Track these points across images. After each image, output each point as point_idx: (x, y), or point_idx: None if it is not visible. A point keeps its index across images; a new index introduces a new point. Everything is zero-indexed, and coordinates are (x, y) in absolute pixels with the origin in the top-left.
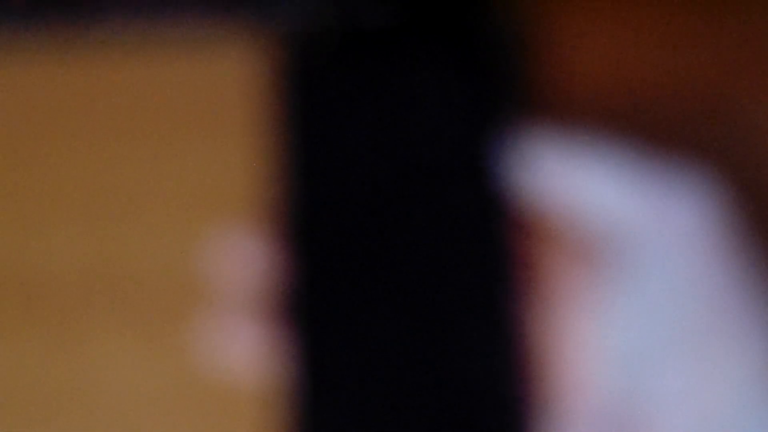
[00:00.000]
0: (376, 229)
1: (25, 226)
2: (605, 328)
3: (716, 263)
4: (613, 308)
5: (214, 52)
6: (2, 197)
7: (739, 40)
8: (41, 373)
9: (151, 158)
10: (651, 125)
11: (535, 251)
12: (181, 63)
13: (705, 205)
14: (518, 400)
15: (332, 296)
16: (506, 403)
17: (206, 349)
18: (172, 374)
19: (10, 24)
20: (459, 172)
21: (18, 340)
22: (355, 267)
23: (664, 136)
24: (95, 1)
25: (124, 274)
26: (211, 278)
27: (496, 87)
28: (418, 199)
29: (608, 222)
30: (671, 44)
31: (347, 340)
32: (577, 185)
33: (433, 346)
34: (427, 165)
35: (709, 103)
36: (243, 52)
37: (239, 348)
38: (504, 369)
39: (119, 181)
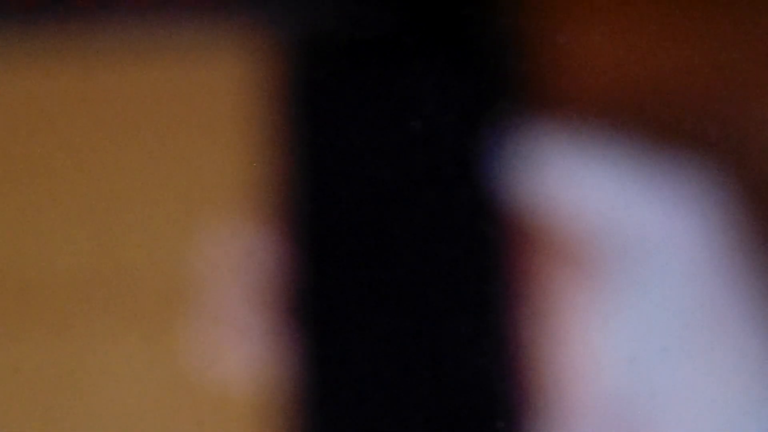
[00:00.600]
0: (375, 230)
1: (22, 226)
2: (608, 329)
3: (718, 264)
4: (616, 309)
5: (214, 56)
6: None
7: (742, 38)
8: (38, 373)
9: (150, 159)
10: (651, 125)
11: (534, 252)
12: (181, 66)
13: (707, 206)
14: (519, 400)
15: (330, 297)
16: (507, 403)
17: (204, 349)
18: (171, 374)
19: (7, 26)
20: (459, 174)
21: (15, 340)
22: (354, 267)
23: (664, 136)
24: (94, 4)
25: (122, 275)
26: (210, 279)
27: (495, 89)
28: (417, 200)
29: (609, 224)
30: (672, 42)
31: (345, 340)
32: (577, 187)
33: (432, 346)
34: (427, 167)
35: (710, 102)
36: (243, 57)
37: (237, 348)
38: (505, 369)
39: (117, 182)
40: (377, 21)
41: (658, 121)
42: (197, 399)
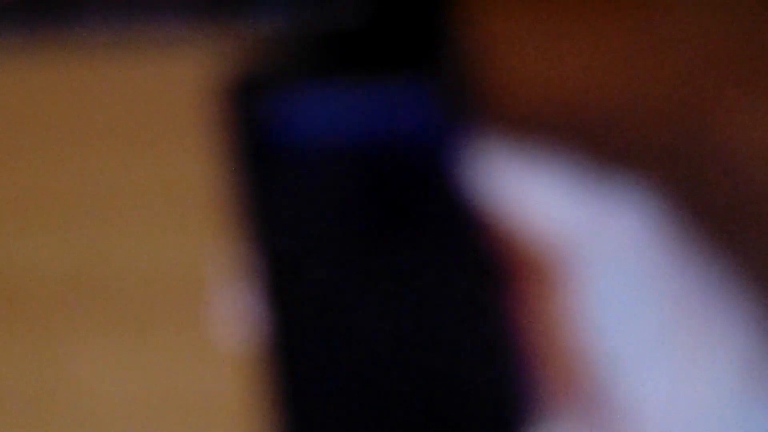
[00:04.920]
0: (342, 231)
1: (6, 229)
2: (577, 328)
3: (666, 264)
4: (579, 310)
5: (190, 55)
6: None
7: (691, 51)
8: (24, 377)
9: (131, 160)
10: (596, 136)
11: (503, 258)
12: (158, 65)
13: (647, 210)
14: (497, 399)
15: (305, 295)
16: (490, 409)
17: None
18: (155, 377)
19: None
20: (427, 172)
21: (0, 342)
22: (326, 267)
23: (608, 145)
24: (70, 6)
25: (106, 277)
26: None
27: (457, 93)
28: (381, 201)
29: (557, 230)
30: (612, 56)
31: (326, 344)
32: (525, 192)
33: (416, 344)
34: (388, 169)
35: (655, 114)
36: (216, 56)
37: (220, 349)
38: (485, 374)
39: (99, 184)
40: (342, 21)
41: (604, 130)
42: (182, 403)
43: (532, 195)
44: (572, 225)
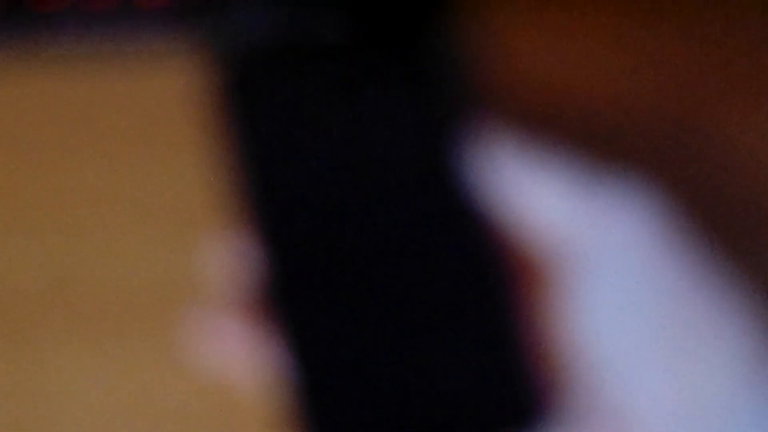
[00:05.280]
0: (336, 237)
1: None
2: (573, 328)
3: (664, 264)
4: (575, 310)
5: (169, 66)
6: None
7: (688, 55)
8: (4, 383)
9: (108, 172)
10: (597, 136)
11: (499, 258)
12: (138, 76)
13: (646, 211)
14: (495, 398)
15: (304, 300)
16: (482, 404)
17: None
18: (132, 389)
19: None
20: (417, 179)
21: None
22: (322, 271)
23: (609, 146)
24: (48, 18)
25: (89, 285)
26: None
27: (448, 99)
28: (378, 202)
29: (555, 228)
30: (620, 58)
31: (323, 345)
32: (526, 192)
33: (409, 347)
34: (384, 172)
35: (656, 115)
36: (196, 67)
37: (200, 360)
38: (479, 371)
39: (78, 194)
40: (332, 34)
41: (605, 133)
42: (159, 415)
43: (531, 194)
44: (572, 224)
